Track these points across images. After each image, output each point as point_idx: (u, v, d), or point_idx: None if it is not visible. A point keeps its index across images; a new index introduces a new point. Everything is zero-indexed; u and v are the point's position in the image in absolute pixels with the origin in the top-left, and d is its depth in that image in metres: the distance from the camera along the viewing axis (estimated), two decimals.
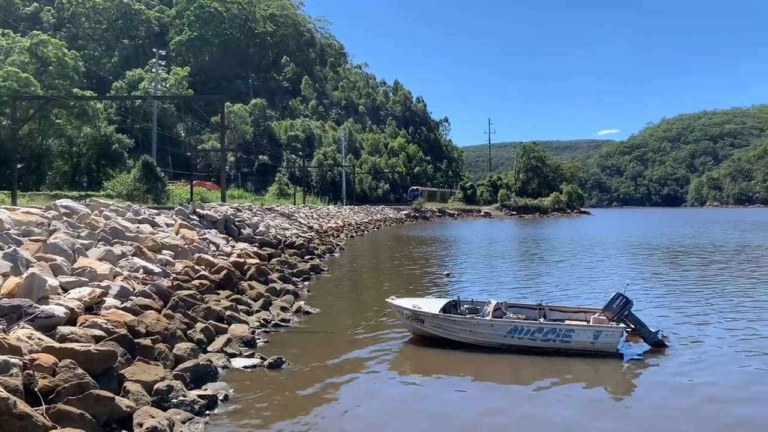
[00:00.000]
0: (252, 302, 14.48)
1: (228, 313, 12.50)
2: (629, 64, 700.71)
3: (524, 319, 11.72)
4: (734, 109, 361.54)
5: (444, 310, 12.04)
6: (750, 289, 18.58)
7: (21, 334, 7.39)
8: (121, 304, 10.12)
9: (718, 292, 18.15)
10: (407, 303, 12.34)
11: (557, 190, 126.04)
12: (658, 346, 11.19)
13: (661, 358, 10.76)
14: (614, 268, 25.20)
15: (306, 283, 19.97)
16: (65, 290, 9.65)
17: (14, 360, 6.52)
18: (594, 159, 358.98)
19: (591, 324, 11.33)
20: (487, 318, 11.69)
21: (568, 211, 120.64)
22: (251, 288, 15.85)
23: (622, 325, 11.14)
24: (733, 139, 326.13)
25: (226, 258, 17.98)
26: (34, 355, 6.96)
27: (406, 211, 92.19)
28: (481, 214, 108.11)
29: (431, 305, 12.26)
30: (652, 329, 11.39)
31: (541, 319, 11.90)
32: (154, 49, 71.44)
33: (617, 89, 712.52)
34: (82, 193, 37.81)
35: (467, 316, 11.77)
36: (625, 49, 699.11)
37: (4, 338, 6.92)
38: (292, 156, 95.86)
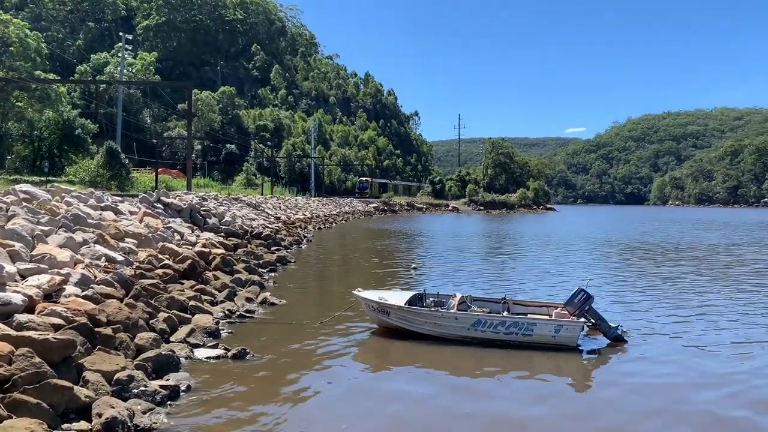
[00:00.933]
0: (216, 293, 14.35)
1: (192, 303, 12.37)
2: (596, 64, 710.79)
3: (488, 313, 11.87)
4: (697, 111, 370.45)
5: (410, 302, 12.12)
6: (707, 286, 19.11)
7: None
8: (82, 292, 9.93)
9: (677, 288, 18.62)
10: (373, 295, 12.41)
11: (524, 186, 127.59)
12: (617, 340, 11.43)
13: (620, 353, 11.01)
14: (577, 263, 25.63)
15: (272, 274, 19.86)
16: (23, 277, 9.43)
17: None
18: (561, 156, 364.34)
19: (552, 318, 11.54)
20: (451, 311, 11.82)
21: (534, 207, 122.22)
22: (216, 278, 15.71)
23: (583, 319, 11.37)
24: (695, 140, 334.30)
25: (190, 247, 17.77)
26: None
27: (374, 204, 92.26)
28: (449, 208, 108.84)
29: (397, 298, 12.34)
30: (612, 324, 11.62)
31: (505, 313, 12.06)
32: (121, 33, 69.91)
33: (585, 88, 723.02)
34: (43, 178, 36.87)
35: (432, 309, 11.88)
36: (591, 47, 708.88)
37: None
38: (261, 146, 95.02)
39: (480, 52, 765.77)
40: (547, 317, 11.73)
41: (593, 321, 11.59)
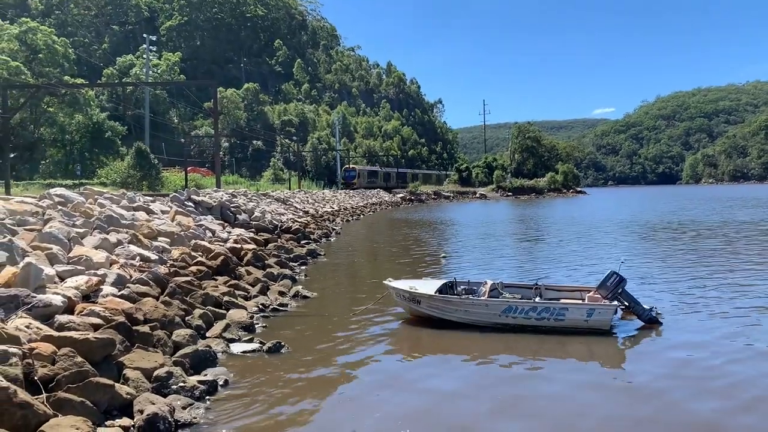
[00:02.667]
0: (250, 287, 14.50)
1: (226, 298, 12.52)
2: (625, 43, 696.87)
3: (520, 299, 11.80)
4: (729, 86, 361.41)
5: (440, 291, 12.12)
6: (742, 266, 18.70)
7: (19, 323, 7.40)
8: (119, 291, 10.13)
9: (712, 268, 18.26)
10: (404, 284, 12.44)
11: (553, 170, 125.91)
12: (651, 323, 11.29)
13: (655, 335, 10.88)
14: (610, 246, 25.30)
15: (303, 267, 20.00)
16: (62, 279, 9.64)
17: (13, 349, 6.53)
18: (589, 138, 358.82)
19: (585, 302, 11.43)
20: (482, 298, 11.79)
21: (564, 191, 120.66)
22: (248, 273, 15.86)
23: (616, 302, 11.24)
24: (728, 116, 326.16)
25: (222, 244, 17.97)
26: (33, 344, 6.97)
27: (401, 195, 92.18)
28: (477, 195, 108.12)
29: (427, 286, 12.35)
30: (645, 306, 11.49)
31: (537, 299, 11.98)
32: (145, 35, 70.78)
33: (613, 68, 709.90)
34: (76, 181, 37.66)
35: (462, 297, 11.87)
36: (620, 28, 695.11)
37: (3, 328, 6.93)
38: (286, 141, 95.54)
39: (504, 36, 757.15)
40: (580, 301, 11.63)
41: (626, 304, 11.47)
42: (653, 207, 61.52)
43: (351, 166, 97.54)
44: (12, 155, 39.95)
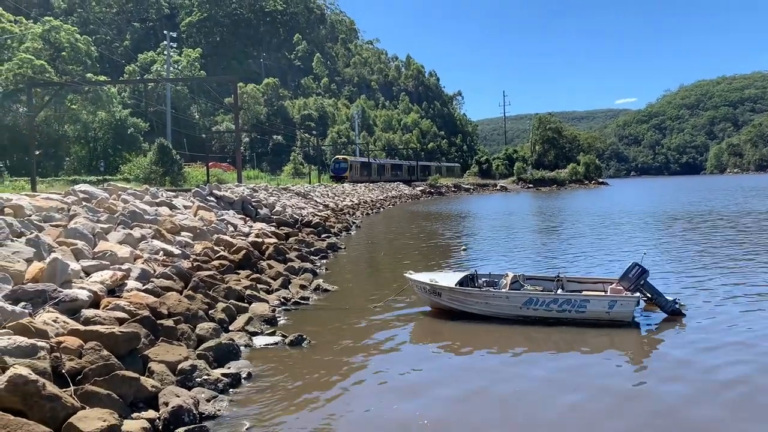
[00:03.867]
0: (271, 281, 14.61)
1: (248, 292, 12.63)
2: (647, 31, 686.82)
3: (541, 291, 11.75)
4: (755, 74, 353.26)
5: (461, 283, 12.13)
6: (766, 256, 18.41)
7: (47, 317, 7.54)
8: (143, 286, 10.27)
9: (736, 259, 17.99)
10: (425, 277, 12.46)
11: (574, 161, 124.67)
12: (675, 314, 11.19)
13: (678, 327, 10.77)
14: (632, 238, 25.02)
15: (323, 261, 20.08)
16: (87, 274, 9.80)
17: (41, 343, 6.66)
18: (611, 129, 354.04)
19: (606, 294, 11.35)
20: (502, 290, 11.78)
21: (586, 182, 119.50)
22: (270, 267, 15.98)
23: (638, 294, 11.14)
24: (753, 104, 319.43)
25: (244, 238, 18.12)
26: (61, 338, 7.11)
27: (421, 188, 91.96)
28: (497, 188, 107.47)
29: (448, 279, 12.37)
30: (668, 298, 11.38)
31: (559, 291, 11.91)
32: (165, 32, 71.29)
33: (635, 57, 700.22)
34: (100, 177, 38.15)
35: (483, 289, 11.87)
36: (642, 16, 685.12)
37: (31, 322, 7.07)
38: (306, 135, 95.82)
39: (522, 26, 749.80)
40: (603, 293, 11.54)
41: (649, 295, 11.37)
42: (677, 198, 60.68)
43: (342, 156, 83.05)
44: (37, 152, 40.62)
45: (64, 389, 6.19)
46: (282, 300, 13.18)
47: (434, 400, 7.71)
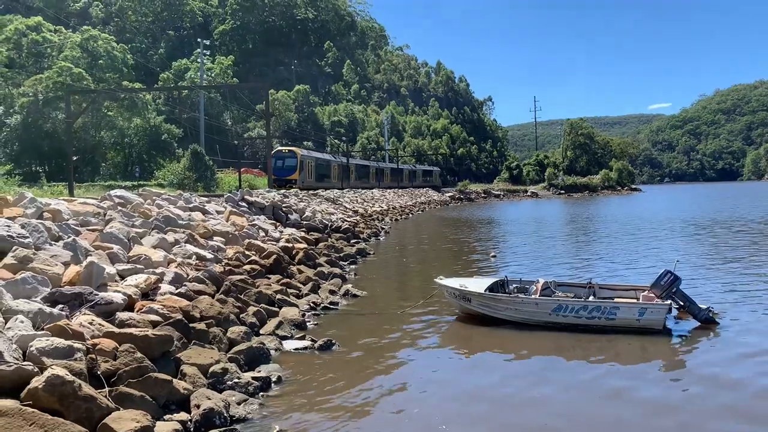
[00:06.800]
0: (301, 286, 14.71)
1: (278, 296, 12.73)
2: (680, 35, 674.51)
3: (572, 298, 11.63)
4: None
5: (491, 289, 12.11)
6: None
7: (83, 320, 7.71)
8: (176, 289, 10.42)
9: None
10: (455, 282, 12.47)
11: (606, 167, 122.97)
12: (708, 322, 10.97)
13: (711, 335, 10.55)
14: (665, 245, 24.55)
15: (353, 266, 20.14)
16: (122, 277, 9.99)
17: (78, 345, 6.81)
18: (644, 134, 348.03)
19: (637, 301, 11.18)
20: (531, 296, 11.71)
21: (619, 188, 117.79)
22: (300, 272, 16.08)
23: (669, 301, 10.94)
24: None
25: (275, 243, 18.26)
26: (96, 340, 7.26)
27: (450, 194, 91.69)
28: (528, 194, 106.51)
29: (478, 284, 12.36)
30: (701, 306, 11.15)
31: (591, 297, 11.77)
32: (199, 39, 72.50)
33: (668, 62, 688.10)
34: (135, 183, 38.87)
35: (512, 295, 11.83)
36: (675, 20, 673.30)
37: (68, 324, 7.23)
38: (336, 141, 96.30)
39: (554, 30, 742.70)
40: (633, 300, 11.38)
41: (681, 303, 11.16)
42: (712, 205, 59.37)
43: (288, 148, 54.28)
44: (75, 158, 41.58)
45: (99, 390, 6.32)
46: (311, 304, 13.25)
47: (464, 405, 7.68)
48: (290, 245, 18.51)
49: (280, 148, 55.00)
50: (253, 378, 8.15)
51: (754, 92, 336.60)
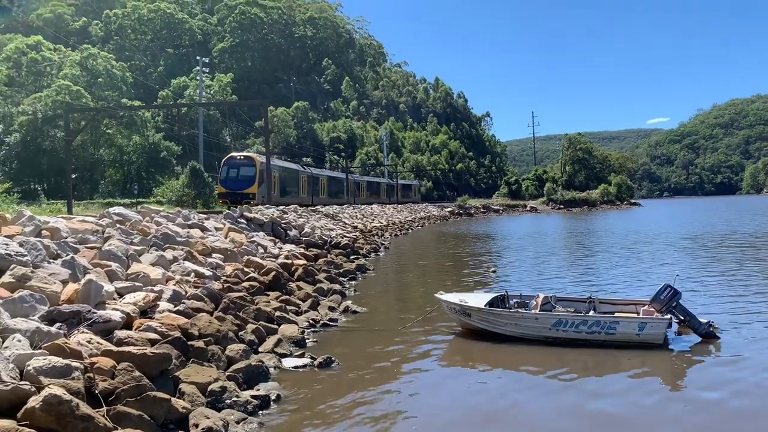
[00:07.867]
0: (300, 302, 14.64)
1: (277, 313, 12.66)
2: (678, 50, 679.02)
3: (572, 312, 11.61)
4: None
5: (491, 304, 12.07)
6: None
7: (81, 338, 7.65)
8: (174, 307, 10.36)
9: None
10: (455, 297, 12.44)
11: (605, 182, 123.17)
12: (708, 337, 10.93)
13: (712, 350, 10.51)
14: (665, 259, 24.53)
15: (352, 282, 20.08)
16: (120, 295, 9.94)
17: (75, 363, 6.74)
18: (643, 149, 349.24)
19: (637, 315, 11.15)
20: (531, 311, 11.70)
21: (618, 203, 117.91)
22: (299, 288, 16.02)
23: (669, 316, 10.92)
24: None
25: (274, 260, 18.21)
26: (94, 359, 7.18)
27: (449, 209, 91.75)
28: (527, 209, 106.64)
29: (478, 299, 12.33)
30: (702, 320, 11.13)
31: (591, 312, 11.75)
32: (198, 57, 72.93)
33: (666, 77, 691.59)
34: (134, 200, 38.94)
35: (512, 310, 11.80)
36: (672, 36, 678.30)
37: (66, 343, 7.17)
38: (335, 157, 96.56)
39: (552, 46, 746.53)
40: (633, 315, 11.36)
41: (682, 317, 11.14)
42: (711, 219, 59.42)
43: (243, 154, 44.94)
44: (74, 176, 41.63)
45: (96, 409, 6.24)
46: (311, 321, 13.18)
47: (467, 423, 7.60)
48: (289, 261, 18.47)
49: (233, 153, 45.16)
50: (252, 396, 8.07)
51: (751, 106, 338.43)
